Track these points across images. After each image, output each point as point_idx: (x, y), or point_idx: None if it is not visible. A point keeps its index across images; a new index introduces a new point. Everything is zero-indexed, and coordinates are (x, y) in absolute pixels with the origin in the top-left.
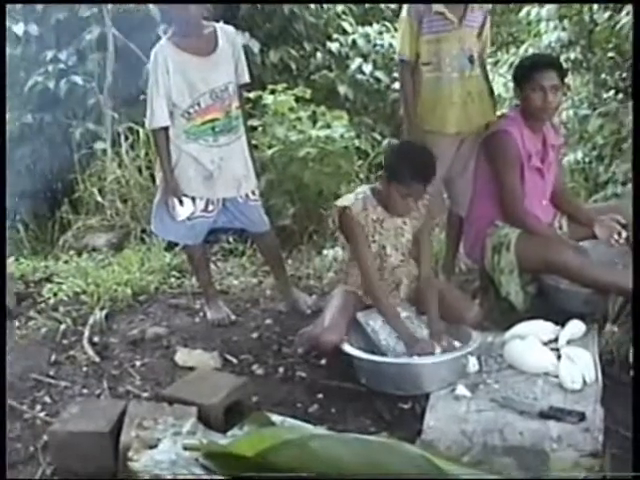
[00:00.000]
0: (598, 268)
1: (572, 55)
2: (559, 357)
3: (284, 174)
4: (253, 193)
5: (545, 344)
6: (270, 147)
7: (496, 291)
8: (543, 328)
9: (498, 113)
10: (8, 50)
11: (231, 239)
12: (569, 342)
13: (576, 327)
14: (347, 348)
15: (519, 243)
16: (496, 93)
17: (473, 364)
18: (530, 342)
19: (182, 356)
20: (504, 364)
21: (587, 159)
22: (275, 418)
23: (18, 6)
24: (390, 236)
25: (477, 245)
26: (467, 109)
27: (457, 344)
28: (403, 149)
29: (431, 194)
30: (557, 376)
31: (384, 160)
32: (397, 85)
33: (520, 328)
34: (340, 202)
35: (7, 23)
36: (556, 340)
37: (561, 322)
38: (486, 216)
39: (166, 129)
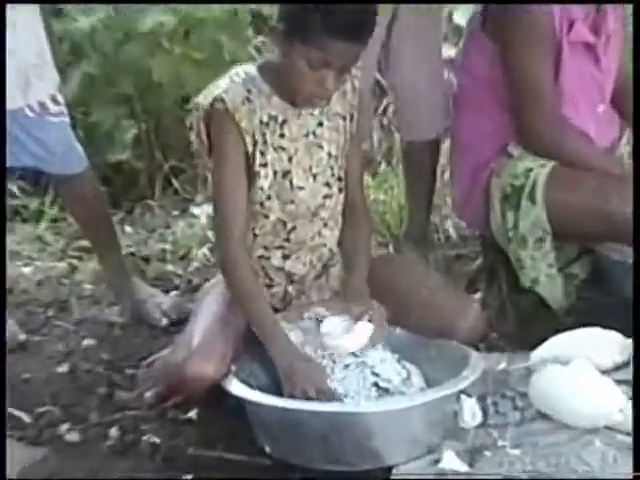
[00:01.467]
0: None
1: None
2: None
3: (115, 63)
4: (54, 100)
5: (604, 373)
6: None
7: (512, 277)
8: (601, 344)
9: None
10: None
11: (16, 189)
12: None
13: None
14: (236, 387)
15: (553, 187)
16: None
17: (471, 411)
18: (578, 370)
19: None
20: (529, 411)
21: None
22: None
23: None
24: (299, 152)
25: (474, 195)
26: None
27: (438, 376)
28: None
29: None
30: (629, 433)
31: (280, 6)
32: None
33: (558, 345)
34: (204, 94)
35: None
36: (626, 365)
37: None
38: (488, 140)
39: None
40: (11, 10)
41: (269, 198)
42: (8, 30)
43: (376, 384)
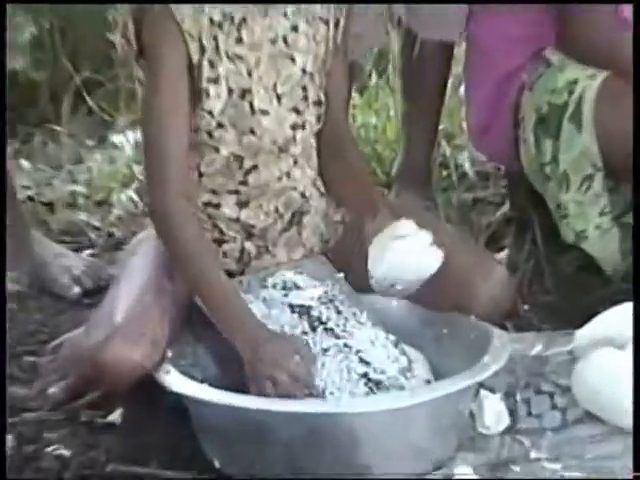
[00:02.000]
0: None
1: None
2: None
3: None
4: None
5: None
6: None
7: (550, 229)
8: None
9: None
10: None
11: None
12: None
13: None
14: (175, 380)
15: (605, 106)
16: None
17: (495, 413)
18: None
19: None
20: (573, 411)
21: None
22: None
23: None
24: (261, 63)
25: (499, 117)
26: None
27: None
28: None
29: None
30: None
31: None
32: None
33: (612, 321)
34: None
35: None
36: None
37: None
38: (519, 42)
39: None
40: None
41: (221, 126)
42: None
43: (365, 375)
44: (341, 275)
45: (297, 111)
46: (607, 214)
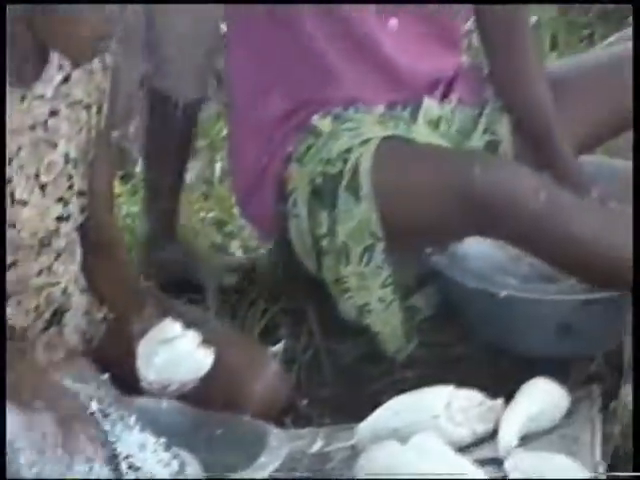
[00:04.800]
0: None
1: None
2: None
3: None
4: None
5: (462, 450)
6: None
7: (328, 313)
8: (456, 409)
9: None
10: None
11: None
12: (527, 440)
13: (545, 397)
14: None
15: (384, 171)
16: None
17: None
18: (422, 448)
19: None
20: None
21: None
22: None
23: None
24: (22, 151)
25: (264, 189)
26: None
27: None
28: None
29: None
30: None
31: None
32: None
33: (396, 412)
34: None
35: None
36: (492, 437)
37: (504, 391)
38: (280, 107)
39: None
40: None
41: None
42: None
43: None
44: (106, 376)
45: (63, 202)
46: (389, 285)
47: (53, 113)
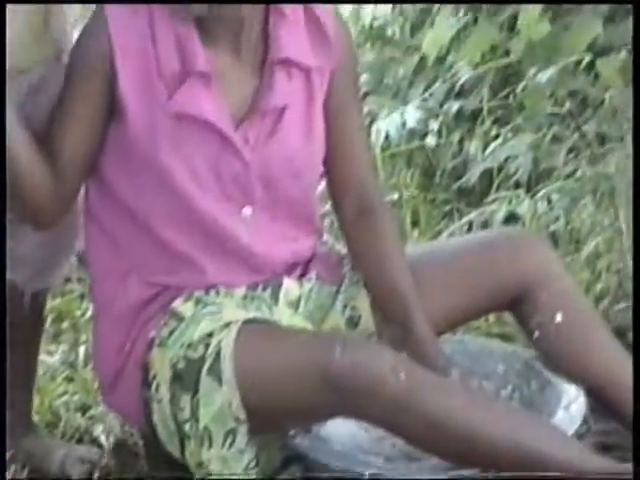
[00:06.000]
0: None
1: None
2: None
3: None
4: None
5: None
6: None
7: None
8: None
9: None
10: None
11: None
12: None
13: None
14: None
15: (245, 355)
16: None
17: None
18: None
19: None
20: None
21: None
22: None
23: None
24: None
25: (125, 375)
26: None
27: None
28: None
29: None
30: None
31: None
32: None
33: None
34: None
35: None
36: None
37: None
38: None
39: None
40: None
41: None
42: None
43: None
44: None
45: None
46: (253, 469)
47: None
